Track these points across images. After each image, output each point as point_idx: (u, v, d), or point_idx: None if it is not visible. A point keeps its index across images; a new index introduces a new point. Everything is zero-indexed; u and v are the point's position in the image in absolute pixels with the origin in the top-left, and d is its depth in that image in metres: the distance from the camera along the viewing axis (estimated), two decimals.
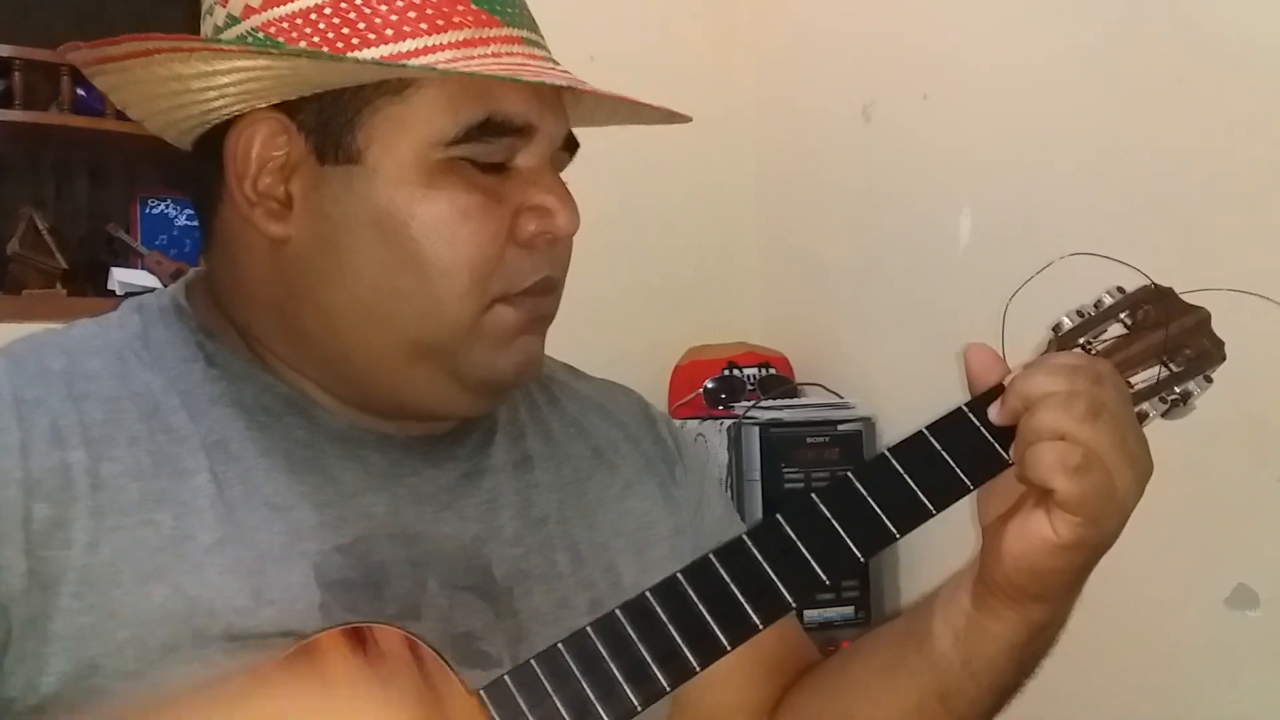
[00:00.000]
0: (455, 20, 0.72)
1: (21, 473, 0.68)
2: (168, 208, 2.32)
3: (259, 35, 0.72)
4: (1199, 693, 1.37)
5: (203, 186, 0.79)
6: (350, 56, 0.71)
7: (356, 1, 0.71)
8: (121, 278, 2.08)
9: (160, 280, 2.07)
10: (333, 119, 0.73)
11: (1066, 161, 1.55)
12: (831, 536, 0.71)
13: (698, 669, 0.68)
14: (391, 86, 0.72)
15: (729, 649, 0.68)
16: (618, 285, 1.97)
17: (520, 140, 0.75)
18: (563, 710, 0.65)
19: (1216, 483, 1.34)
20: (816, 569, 0.70)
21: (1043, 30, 1.60)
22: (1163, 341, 0.78)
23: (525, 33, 0.76)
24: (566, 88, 0.74)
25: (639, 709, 0.66)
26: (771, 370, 2.03)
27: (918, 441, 0.73)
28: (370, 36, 0.71)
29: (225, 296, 0.80)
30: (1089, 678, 1.43)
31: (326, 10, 0.71)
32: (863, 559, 0.71)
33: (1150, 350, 0.78)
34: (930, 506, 0.72)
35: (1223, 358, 0.79)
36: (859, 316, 1.99)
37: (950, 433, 0.74)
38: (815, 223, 2.11)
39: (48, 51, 2.05)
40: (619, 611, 0.68)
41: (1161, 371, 0.78)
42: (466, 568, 0.78)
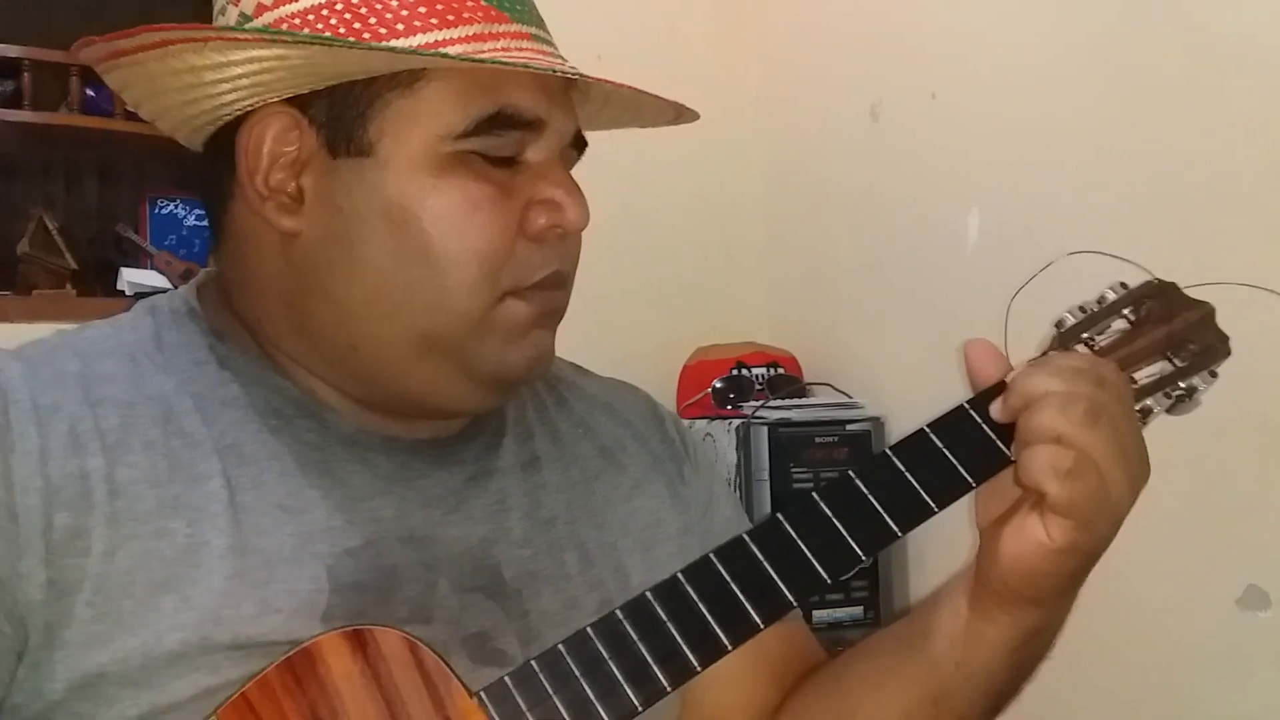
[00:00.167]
0: (465, 16, 0.72)
1: (42, 480, 0.68)
2: (177, 208, 2.33)
3: (272, 31, 0.72)
4: (1209, 694, 1.37)
5: (213, 185, 0.79)
6: (363, 44, 0.71)
7: None
8: (131, 278, 2.09)
9: (170, 280, 2.07)
10: (344, 113, 0.73)
11: (1074, 160, 1.55)
12: (833, 535, 0.70)
13: (699, 669, 0.67)
14: (402, 80, 0.72)
15: (730, 648, 0.68)
16: (625, 285, 1.97)
17: (530, 134, 0.75)
18: (563, 710, 0.65)
19: (1226, 482, 1.33)
20: (818, 568, 0.70)
21: (1049, 29, 1.60)
22: (1166, 336, 0.77)
23: (534, 29, 0.76)
24: (575, 83, 0.74)
25: (639, 709, 0.66)
26: (780, 370, 2.03)
27: (919, 439, 0.73)
28: (381, 31, 0.71)
29: (236, 295, 0.80)
30: (1098, 678, 1.43)
31: (338, 6, 0.72)
32: (864, 557, 0.71)
33: (1154, 345, 0.77)
34: (932, 504, 0.71)
35: (1228, 352, 0.78)
36: (867, 316, 1.99)
37: (952, 430, 0.73)
38: (823, 222, 2.10)
39: (57, 52, 2.06)
40: (619, 611, 0.68)
41: (1166, 367, 0.77)
42: (475, 569, 0.78)
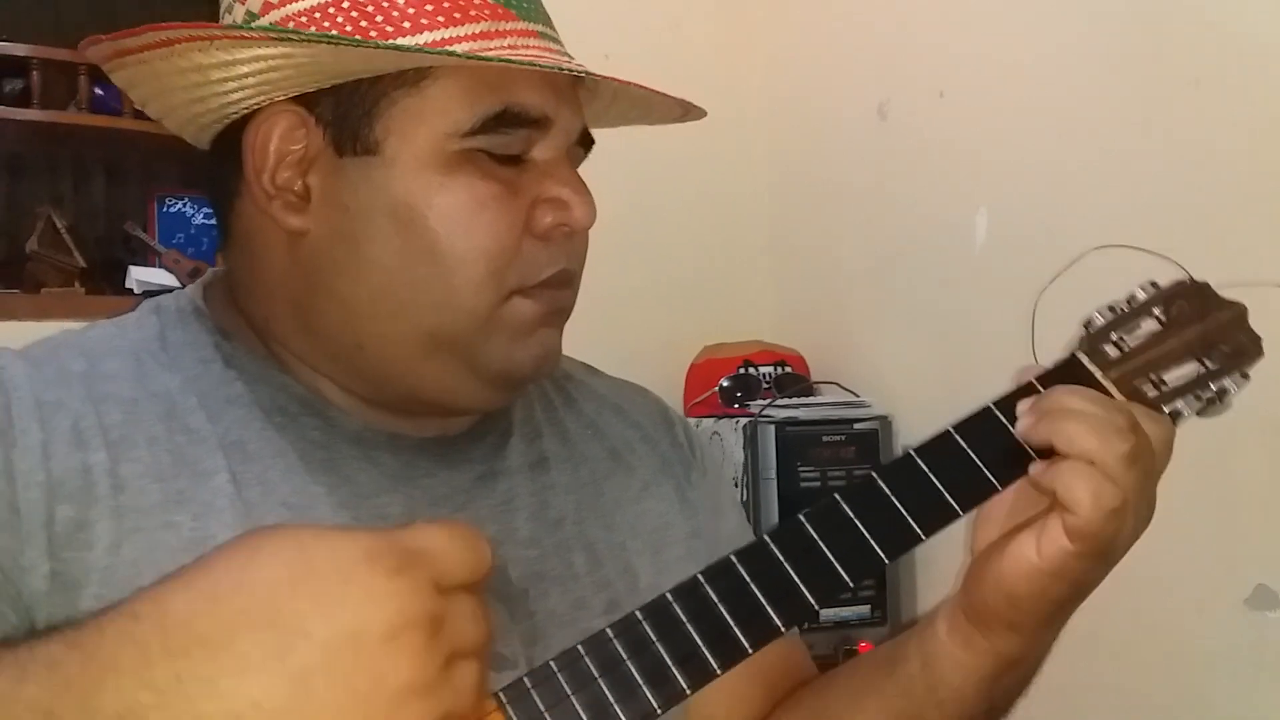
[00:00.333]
0: (472, 13, 0.72)
1: (44, 474, 0.68)
2: (185, 206, 2.33)
3: (278, 29, 0.72)
4: (1218, 693, 1.36)
5: (221, 183, 0.79)
6: (369, 43, 0.71)
7: None
8: (139, 276, 2.09)
9: (177, 278, 2.08)
10: (350, 111, 0.73)
11: (1082, 159, 1.54)
12: (855, 537, 0.69)
13: (718, 671, 0.66)
14: (408, 78, 0.72)
15: (750, 651, 0.67)
16: (632, 284, 1.97)
17: (536, 132, 0.75)
18: (581, 712, 0.65)
19: (1236, 482, 1.33)
20: (840, 570, 0.68)
21: (1058, 27, 1.59)
22: (1198, 338, 0.75)
23: (541, 26, 0.76)
24: (582, 80, 0.74)
25: (659, 711, 0.66)
26: (787, 369, 2.02)
27: (944, 440, 0.71)
28: (388, 29, 0.71)
29: (243, 294, 0.80)
30: (1107, 677, 1.43)
31: (345, 4, 0.72)
32: (887, 561, 0.69)
33: (1185, 347, 0.75)
34: (957, 508, 0.69)
35: (1260, 354, 0.76)
36: (875, 315, 1.99)
37: (977, 432, 0.71)
38: (831, 221, 2.10)
39: (65, 51, 2.06)
40: (639, 613, 0.67)
41: (1197, 369, 0.75)
42: None
